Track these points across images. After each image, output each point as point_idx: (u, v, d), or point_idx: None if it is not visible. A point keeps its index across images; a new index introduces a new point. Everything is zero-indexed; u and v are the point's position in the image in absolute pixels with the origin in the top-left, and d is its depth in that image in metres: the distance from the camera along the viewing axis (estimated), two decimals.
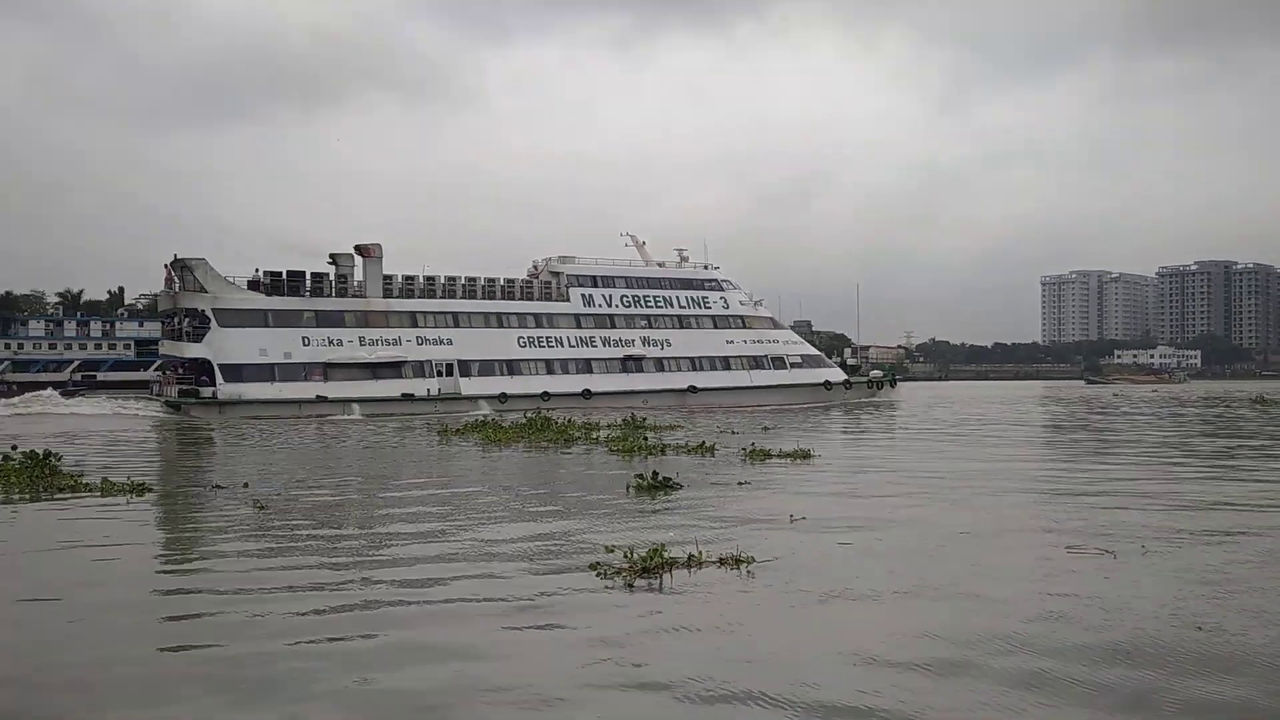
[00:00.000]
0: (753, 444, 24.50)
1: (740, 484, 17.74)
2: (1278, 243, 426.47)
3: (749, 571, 10.13)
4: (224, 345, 48.24)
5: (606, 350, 58.08)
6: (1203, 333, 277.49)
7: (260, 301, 50.25)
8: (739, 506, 14.99)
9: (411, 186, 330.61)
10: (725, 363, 61.66)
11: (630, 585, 9.63)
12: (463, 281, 56.03)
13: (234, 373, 47.97)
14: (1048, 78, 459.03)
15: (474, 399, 52.41)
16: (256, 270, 52.17)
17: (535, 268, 60.57)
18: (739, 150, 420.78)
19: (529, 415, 37.76)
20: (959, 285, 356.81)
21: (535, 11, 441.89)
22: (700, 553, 10.62)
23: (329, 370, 50.14)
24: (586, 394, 55.57)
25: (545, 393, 53.52)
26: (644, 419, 36.78)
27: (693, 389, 58.96)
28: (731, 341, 62.51)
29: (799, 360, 64.67)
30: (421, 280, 55.22)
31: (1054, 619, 8.27)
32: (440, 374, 52.82)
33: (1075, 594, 9.08)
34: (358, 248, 53.45)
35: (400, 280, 54.67)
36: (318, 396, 48.62)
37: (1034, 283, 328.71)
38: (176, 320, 49.94)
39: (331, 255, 54.06)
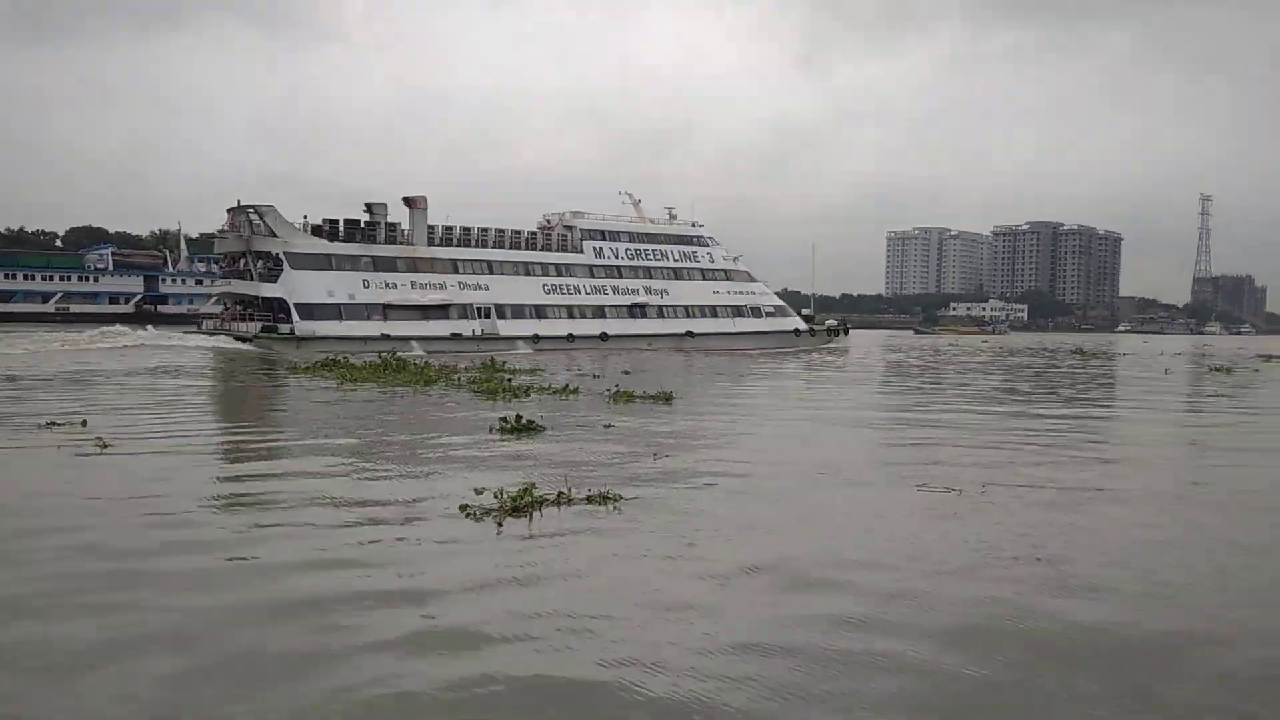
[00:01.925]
0: (616, 386, 24.68)
1: (605, 426, 17.87)
2: (1099, 207, 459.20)
3: (616, 508, 10.27)
4: (296, 286, 51.71)
5: (617, 298, 64.10)
6: (1031, 288, 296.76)
7: (324, 247, 53.74)
8: (605, 447, 15.12)
9: (260, 118, 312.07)
10: (713, 311, 68.41)
11: (500, 525, 9.60)
12: (493, 233, 60.45)
13: (306, 311, 51.51)
14: (899, 42, 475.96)
15: (511, 339, 56.26)
16: (304, 217, 55.18)
17: (547, 222, 65.31)
18: (601, 94, 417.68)
19: (383, 356, 36.85)
20: (811, 238, 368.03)
21: None
22: (569, 491, 10.68)
23: (387, 311, 54.18)
24: (603, 337, 61.03)
25: (570, 335, 59.51)
26: (503, 362, 36.45)
27: (689, 334, 65.41)
28: (718, 292, 69.27)
29: (772, 310, 71.94)
30: (458, 231, 59.36)
31: (907, 551, 8.76)
32: (481, 316, 57.36)
33: (923, 530, 9.65)
34: (405, 199, 57.22)
35: (441, 230, 58.59)
36: (382, 335, 51.56)
37: (880, 237, 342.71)
38: (243, 262, 53.25)
39: (367, 204, 56.84)
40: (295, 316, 51.19)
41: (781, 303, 74.84)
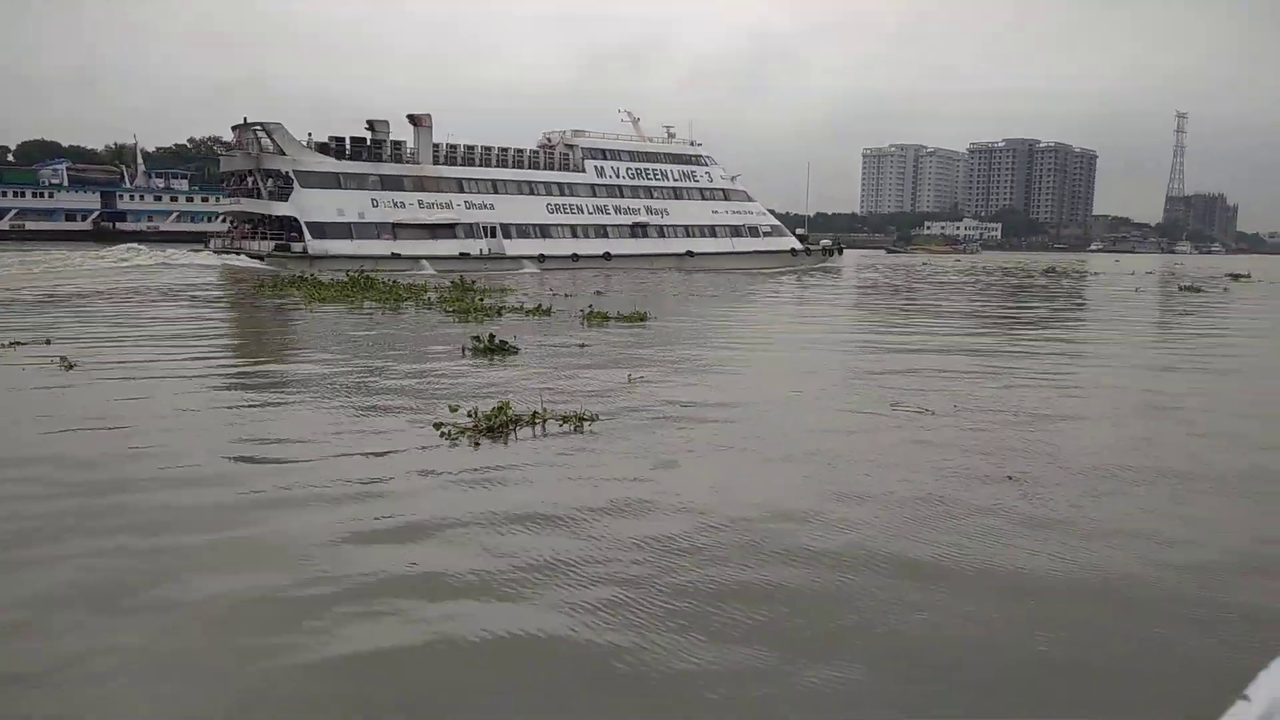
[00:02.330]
0: (590, 306, 24.64)
1: (581, 346, 17.90)
2: (1076, 124, 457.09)
3: (592, 430, 10.36)
4: (307, 205, 51.41)
5: (619, 217, 63.97)
6: (1006, 206, 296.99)
7: (333, 165, 53.33)
8: (579, 368, 15.16)
9: (210, 24, 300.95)
10: (712, 231, 68.61)
11: (476, 444, 9.67)
12: (496, 151, 59.97)
13: (318, 230, 51.20)
14: None
15: (517, 259, 56.44)
16: (309, 135, 54.47)
17: (548, 141, 64.73)
18: (568, 10, 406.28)
19: (351, 274, 36.47)
20: (786, 155, 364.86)
21: None
22: (544, 410, 10.74)
23: (396, 229, 53.96)
24: (607, 256, 61.23)
25: (575, 254, 59.45)
26: (474, 281, 36.21)
27: (690, 253, 65.51)
28: (716, 212, 69.50)
29: (769, 230, 72.37)
30: (463, 149, 58.92)
31: (886, 467, 8.95)
32: (487, 235, 57.21)
33: (899, 446, 9.85)
34: (410, 117, 56.77)
35: (445, 148, 58.09)
36: (393, 254, 51.76)
37: (856, 155, 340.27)
38: (251, 180, 52.87)
39: (369, 121, 55.93)
40: (308, 235, 51.08)
41: (777, 222, 75.10)
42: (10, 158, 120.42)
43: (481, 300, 27.26)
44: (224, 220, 66.71)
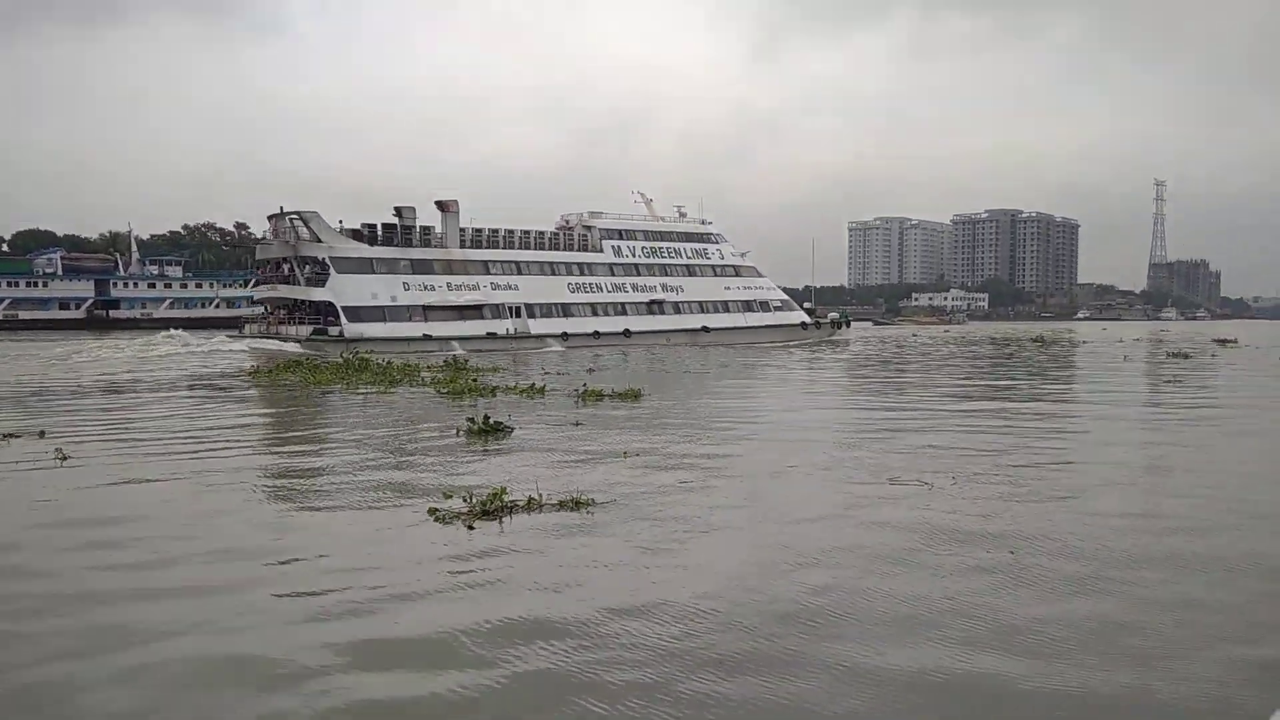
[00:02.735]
0: (584, 385, 24.63)
1: (575, 425, 17.83)
2: (1057, 194, 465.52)
3: (589, 513, 10.24)
4: (343, 290, 53.30)
5: (636, 295, 65.92)
6: (991, 276, 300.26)
7: (367, 251, 55.26)
8: (574, 447, 15.08)
9: (207, 114, 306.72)
10: (726, 306, 70.48)
11: (471, 528, 9.55)
12: (519, 234, 62.11)
13: (354, 314, 52.96)
14: (855, 31, 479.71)
15: (541, 337, 58.36)
16: (339, 222, 56.04)
17: (566, 222, 67.04)
18: (558, 88, 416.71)
19: (345, 356, 36.51)
20: (773, 228, 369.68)
21: None
22: (540, 495, 10.64)
23: (427, 312, 55.70)
24: (627, 333, 63.15)
25: (596, 332, 61.45)
26: (466, 360, 36.23)
27: (705, 329, 67.46)
28: (729, 288, 71.52)
29: (779, 304, 74.52)
30: (487, 232, 60.89)
31: (884, 544, 8.84)
32: (512, 315, 58.91)
33: (900, 520, 9.75)
34: (438, 203, 58.79)
35: (471, 232, 59.93)
36: (424, 335, 53.49)
37: (842, 227, 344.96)
38: (287, 267, 55.00)
39: (396, 208, 57.88)
40: (344, 319, 52.66)
41: (786, 297, 76.85)
42: (5, 248, 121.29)
43: (475, 380, 27.25)
44: (257, 305, 68.44)
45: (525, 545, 8.97)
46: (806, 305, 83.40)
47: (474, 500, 10.18)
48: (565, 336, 59.33)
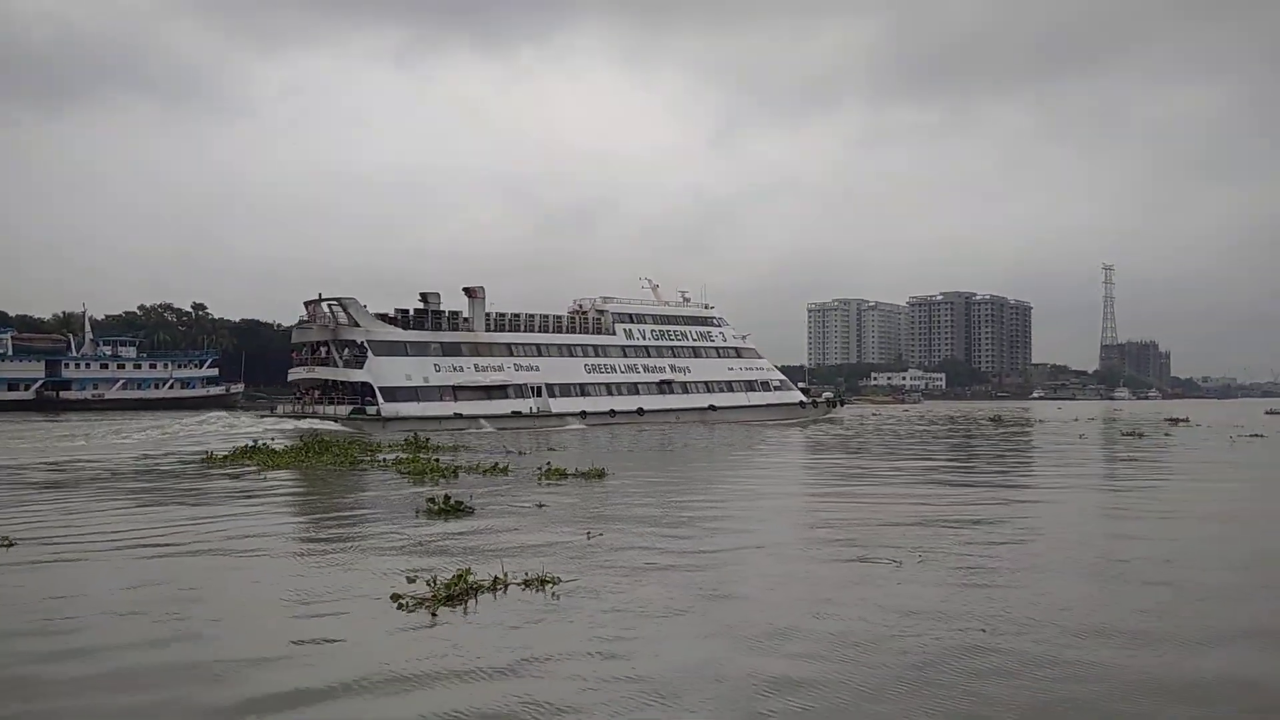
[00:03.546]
0: (548, 464, 24.42)
1: (539, 505, 17.62)
2: (1009, 277, 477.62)
3: (554, 594, 10.05)
4: (380, 371, 56.05)
5: (647, 375, 69.15)
6: (947, 357, 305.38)
7: (400, 334, 58.37)
8: (537, 528, 14.87)
9: (166, 196, 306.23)
10: (730, 386, 73.69)
11: (434, 614, 9.31)
12: (539, 318, 65.88)
13: (389, 394, 55.68)
14: (808, 120, 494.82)
15: (562, 416, 61.17)
16: (364, 305, 58.58)
17: (579, 306, 70.74)
18: (521, 173, 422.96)
19: (305, 439, 35.95)
20: (736, 310, 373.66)
21: (308, 20, 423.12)
22: (505, 576, 10.44)
23: (456, 392, 58.63)
24: (640, 412, 66.01)
25: (612, 410, 64.39)
26: (427, 439, 35.83)
27: (712, 407, 70.53)
28: (731, 369, 74.72)
29: (778, 384, 77.78)
30: (509, 317, 64.40)
31: (861, 621, 8.74)
32: (534, 394, 61.87)
33: (873, 599, 9.68)
34: (466, 289, 62.89)
35: (495, 316, 63.46)
36: (454, 414, 56.69)
37: (801, 309, 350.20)
38: (324, 350, 57.82)
39: (422, 294, 61.70)
40: (380, 399, 55.26)
41: (784, 377, 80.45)
42: None
43: (436, 460, 26.92)
44: (292, 384, 70.11)
45: (486, 633, 8.74)
46: (802, 385, 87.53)
47: (438, 583, 9.94)
48: (584, 415, 62.10)
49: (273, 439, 37.42)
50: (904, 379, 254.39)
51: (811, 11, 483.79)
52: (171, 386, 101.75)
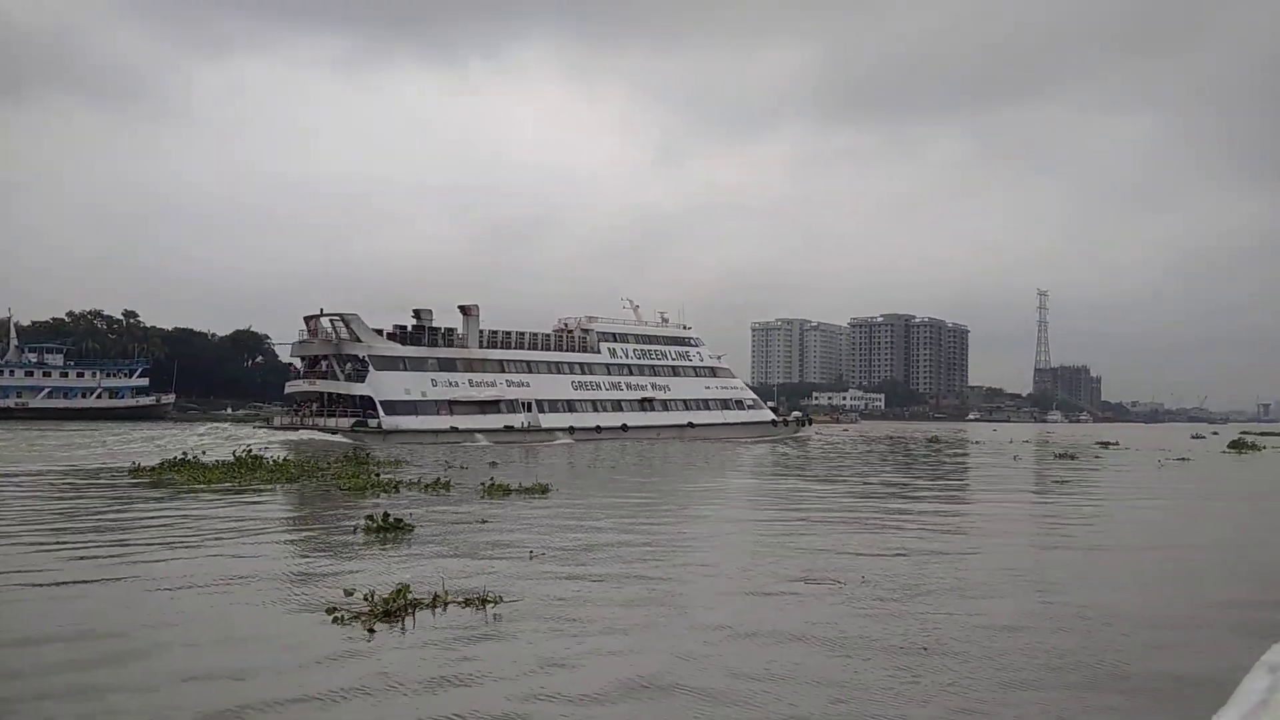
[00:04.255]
0: (491, 479, 24.19)
1: (482, 522, 17.44)
2: (948, 300, 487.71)
3: (495, 614, 9.95)
4: (381, 385, 57.77)
5: (630, 393, 71.44)
6: (887, 377, 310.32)
7: (399, 350, 60.21)
8: (480, 544, 14.72)
9: (99, 199, 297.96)
10: (707, 404, 76.62)
11: (371, 630, 9.16)
12: (528, 335, 68.08)
13: (390, 408, 57.34)
14: (751, 141, 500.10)
15: (551, 431, 62.96)
16: (354, 320, 60.26)
17: (565, 325, 73.27)
18: (466, 186, 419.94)
19: (237, 454, 35.13)
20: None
21: (253, 26, 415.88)
22: (445, 593, 10.30)
23: (452, 406, 60.31)
24: (624, 428, 68.13)
25: (598, 426, 66.31)
26: (368, 454, 35.30)
27: (691, 424, 73.18)
28: (708, 387, 77.89)
29: (751, 403, 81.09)
30: (501, 335, 66.46)
31: (807, 643, 8.79)
32: (525, 410, 63.82)
33: (818, 620, 9.74)
34: (461, 307, 64.95)
35: (487, 333, 65.48)
36: (451, 428, 58.72)
37: (745, 329, 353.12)
38: (324, 364, 59.57)
39: (415, 310, 63.35)
40: (381, 413, 56.92)
41: (756, 396, 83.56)
42: None
43: (377, 475, 26.51)
44: (288, 396, 70.24)
45: (424, 650, 8.62)
46: (771, 404, 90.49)
47: (375, 599, 9.78)
48: (572, 430, 63.82)
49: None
50: (845, 399, 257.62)
51: (753, 34, 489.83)
52: (100, 396, 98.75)
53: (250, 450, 33.88)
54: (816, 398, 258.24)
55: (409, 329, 62.00)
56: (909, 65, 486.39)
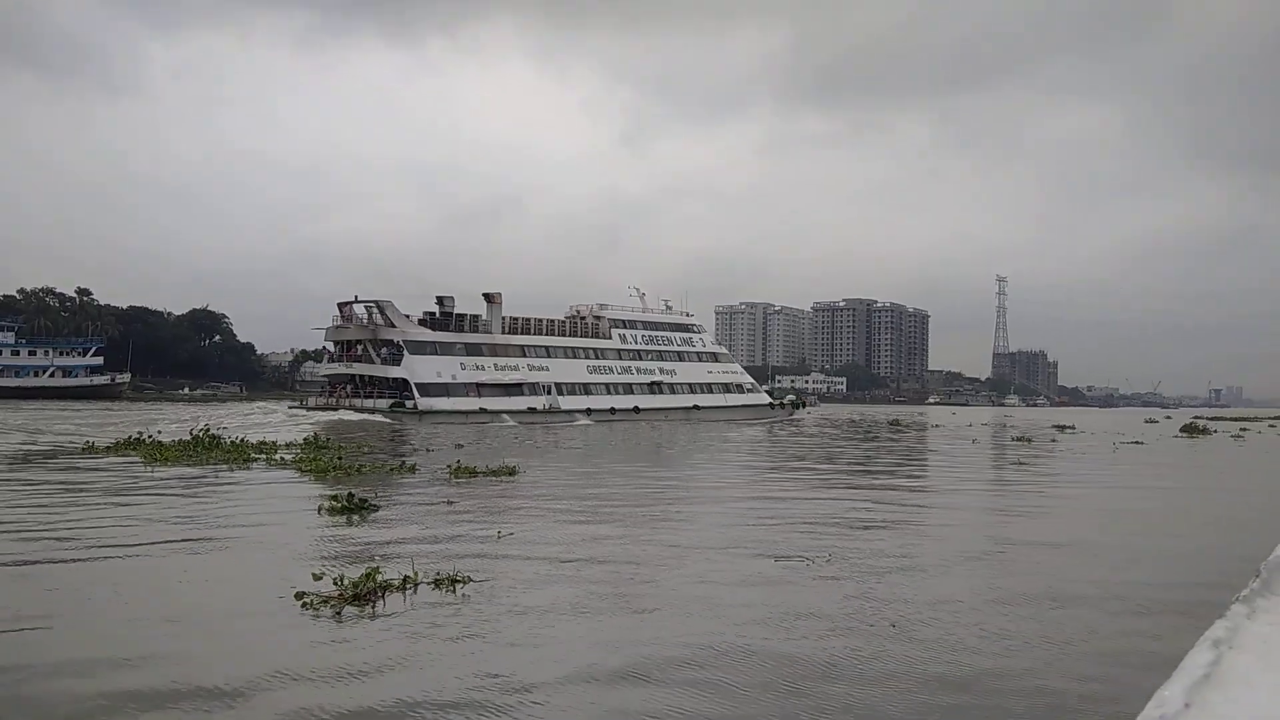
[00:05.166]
0: (458, 461, 24.07)
1: (449, 503, 17.37)
2: (909, 285, 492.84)
3: (464, 594, 9.92)
4: (415, 368, 61.82)
5: (640, 377, 75.87)
6: (848, 361, 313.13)
7: (431, 335, 64.40)
8: (447, 525, 14.66)
9: (56, 175, 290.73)
10: (710, 388, 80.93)
11: (339, 614, 9.08)
12: (546, 321, 72.50)
13: (424, 390, 61.39)
14: (719, 124, 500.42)
15: (571, 413, 66.78)
16: (382, 306, 64.36)
17: (577, 312, 76.88)
18: (429, 165, 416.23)
19: (194, 433, 34.63)
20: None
21: (208, 1, 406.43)
22: (415, 574, 10.24)
23: (480, 389, 64.46)
24: (636, 410, 72.10)
25: (612, 408, 70.17)
26: (329, 438, 34.98)
27: (696, 407, 77.29)
28: (711, 372, 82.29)
29: (750, 387, 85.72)
30: (522, 321, 70.43)
31: (775, 621, 8.87)
32: (546, 392, 67.86)
33: (788, 599, 9.83)
34: (485, 295, 69.15)
35: (509, 320, 69.31)
36: (480, 409, 62.39)
37: (710, 312, 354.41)
38: (360, 348, 63.24)
39: (439, 297, 67.47)
40: (417, 394, 60.85)
41: (754, 381, 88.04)
42: None
43: (339, 458, 26.26)
44: (325, 379, 73.85)
45: (395, 633, 8.57)
46: (765, 388, 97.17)
47: (344, 582, 9.69)
48: (589, 412, 67.76)
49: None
50: (807, 382, 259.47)
51: (722, 16, 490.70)
52: (53, 375, 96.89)
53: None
54: (779, 380, 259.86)
55: (437, 315, 66.14)
56: (873, 51, 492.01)
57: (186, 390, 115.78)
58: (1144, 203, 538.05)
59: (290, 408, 63.24)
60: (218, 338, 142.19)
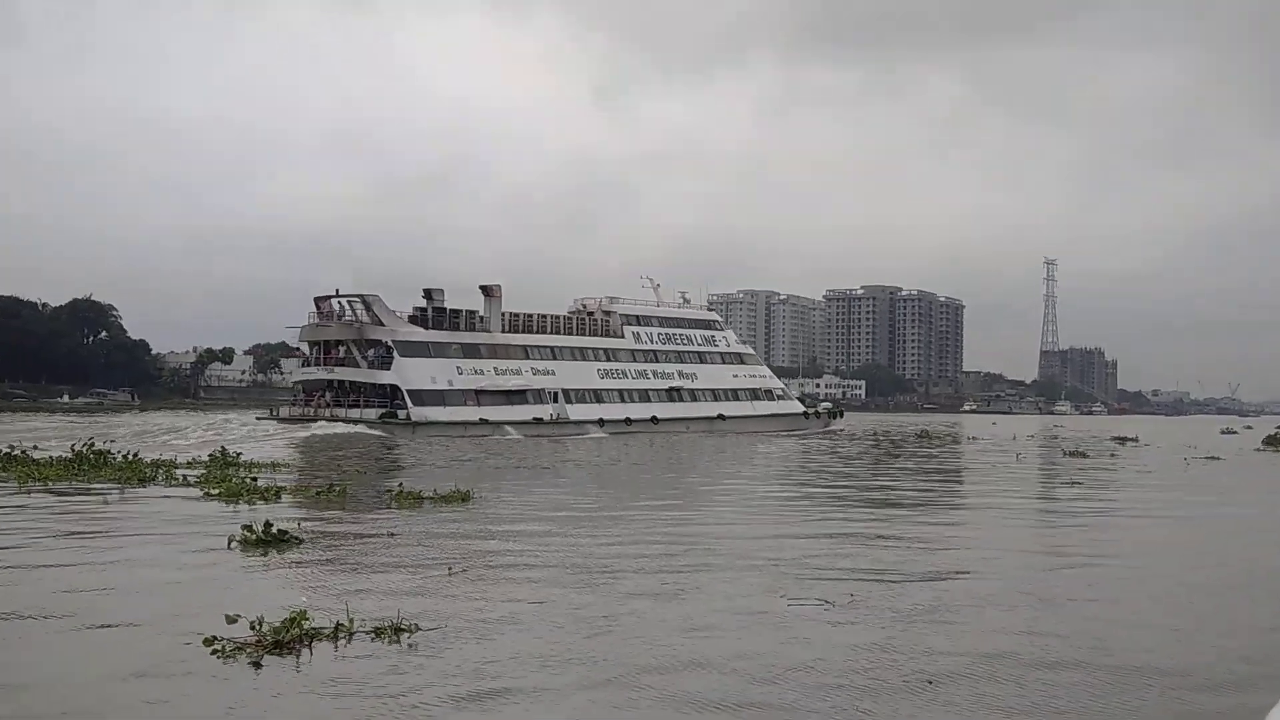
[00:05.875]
0: (400, 484, 24.09)
1: (390, 535, 17.39)
2: (939, 269, 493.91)
3: (410, 643, 9.94)
4: (406, 374, 61.26)
5: (657, 381, 75.88)
6: (868, 361, 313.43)
7: (424, 335, 63.95)
8: (387, 563, 14.68)
9: None
10: (735, 395, 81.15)
11: (258, 664, 9.10)
12: (551, 318, 72.70)
13: (417, 397, 60.82)
14: (711, 78, 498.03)
15: (580, 424, 67.32)
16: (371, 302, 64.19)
17: (583, 306, 77.42)
18: (360, 124, 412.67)
19: (77, 448, 34.47)
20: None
21: None
22: (350, 620, 10.25)
23: (479, 396, 64.28)
24: (654, 420, 72.30)
25: (628, 418, 70.46)
26: (237, 454, 34.85)
27: (721, 417, 77.54)
28: (736, 375, 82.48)
29: (780, 393, 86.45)
30: (523, 317, 70.77)
31: (788, 675, 8.96)
32: (553, 400, 67.70)
33: (809, 644, 9.93)
34: (482, 287, 69.49)
35: (509, 316, 69.44)
36: (480, 419, 62.57)
37: (702, 300, 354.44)
38: (342, 349, 62.57)
39: (426, 290, 67.27)
40: (409, 402, 60.32)
41: (784, 386, 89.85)
42: None
43: (253, 479, 26.18)
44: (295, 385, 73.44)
45: (324, 690, 8.60)
46: (796, 395, 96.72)
47: (264, 627, 9.70)
48: (601, 423, 68.21)
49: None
50: (818, 386, 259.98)
51: None
52: None
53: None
54: (787, 384, 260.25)
55: (429, 311, 65.67)
56: None
57: (66, 398, 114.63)
58: (1218, 170, 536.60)
59: (258, 419, 62.41)
60: (104, 334, 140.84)
